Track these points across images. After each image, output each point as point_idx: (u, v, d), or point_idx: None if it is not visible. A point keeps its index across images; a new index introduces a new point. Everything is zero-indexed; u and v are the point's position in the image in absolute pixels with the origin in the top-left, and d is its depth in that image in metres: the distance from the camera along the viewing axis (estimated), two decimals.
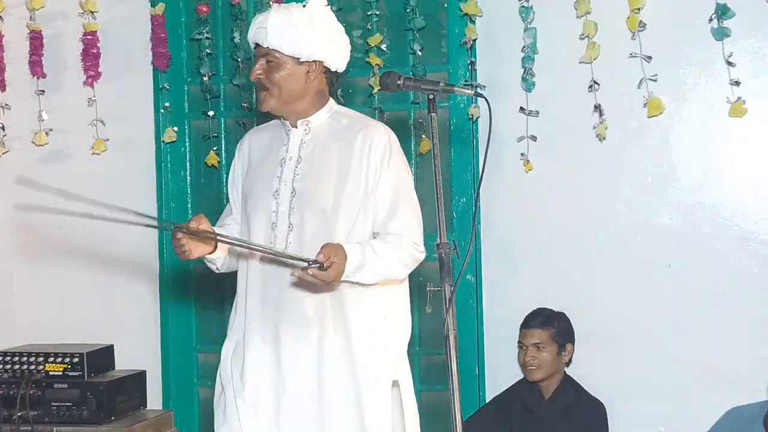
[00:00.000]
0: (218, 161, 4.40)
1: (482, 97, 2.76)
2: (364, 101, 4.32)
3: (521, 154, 4.07)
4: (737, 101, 3.86)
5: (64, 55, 4.57)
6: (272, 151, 3.03)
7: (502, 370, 4.09)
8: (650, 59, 3.92)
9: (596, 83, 3.98)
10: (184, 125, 4.51)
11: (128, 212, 2.72)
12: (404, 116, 4.30)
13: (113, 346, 4.29)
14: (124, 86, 4.52)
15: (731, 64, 3.86)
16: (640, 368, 4.01)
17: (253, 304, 2.96)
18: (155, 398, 4.41)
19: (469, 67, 4.11)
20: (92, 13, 4.47)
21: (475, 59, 4.10)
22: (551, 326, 3.85)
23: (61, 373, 4.03)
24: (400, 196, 2.93)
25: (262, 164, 3.04)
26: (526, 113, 4.06)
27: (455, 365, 2.51)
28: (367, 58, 4.21)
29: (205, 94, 4.41)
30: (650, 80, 3.92)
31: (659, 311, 4.00)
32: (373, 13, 4.19)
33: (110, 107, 4.51)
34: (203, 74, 4.37)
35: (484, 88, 4.04)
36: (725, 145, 3.97)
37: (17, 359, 4.07)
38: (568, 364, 3.93)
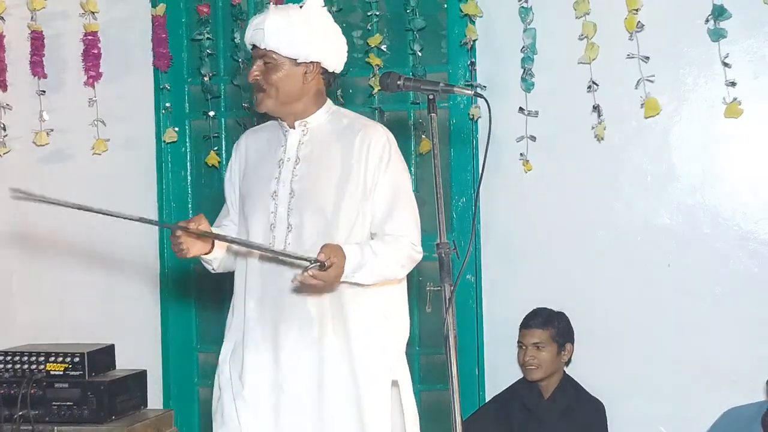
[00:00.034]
0: (219, 161, 4.41)
1: (482, 97, 2.76)
2: (364, 101, 4.32)
3: (521, 154, 4.07)
4: (733, 102, 3.86)
5: (64, 55, 4.57)
6: (270, 151, 3.02)
7: (501, 369, 4.09)
8: (648, 60, 3.92)
9: (595, 84, 3.98)
10: (184, 125, 4.51)
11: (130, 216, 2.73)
12: (404, 116, 4.30)
13: (114, 345, 4.29)
14: (124, 86, 4.52)
15: (727, 65, 3.86)
16: (640, 368, 4.01)
17: (251, 304, 2.96)
18: (156, 398, 4.41)
19: (469, 67, 4.11)
20: (93, 13, 4.47)
21: (475, 60, 4.11)
22: (551, 326, 3.85)
23: (61, 372, 4.03)
24: (398, 196, 2.93)
25: (259, 165, 3.03)
26: (525, 113, 4.06)
27: (455, 365, 2.51)
28: (367, 58, 4.21)
29: (205, 94, 4.42)
30: (647, 81, 3.92)
31: (659, 311, 4.00)
32: (373, 13, 4.19)
33: (111, 107, 4.51)
34: (204, 74, 4.37)
35: (484, 88, 4.04)
36: (725, 145, 3.97)
37: (18, 359, 4.07)
38: (567, 363, 3.93)
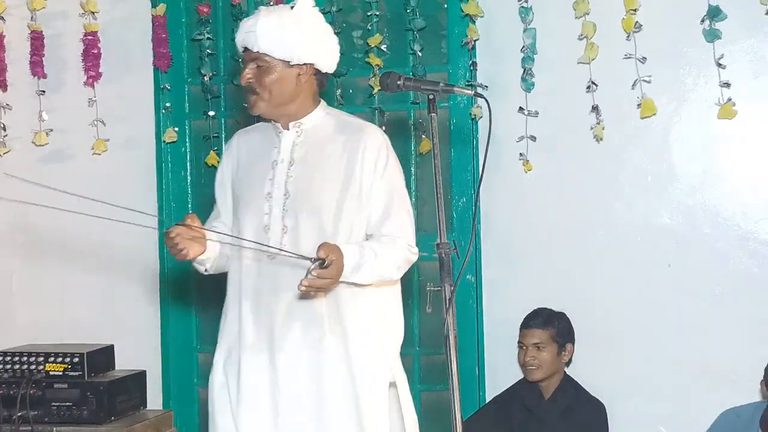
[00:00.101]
0: (218, 161, 4.38)
1: (482, 97, 2.76)
2: (364, 101, 4.31)
3: (521, 154, 4.07)
4: (727, 103, 3.86)
5: (64, 55, 4.56)
6: (263, 152, 3.00)
7: (502, 370, 4.09)
8: (645, 60, 3.92)
9: (594, 84, 3.98)
10: (184, 125, 4.50)
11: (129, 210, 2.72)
12: (404, 116, 4.29)
13: (113, 346, 4.28)
14: (124, 86, 4.52)
15: (721, 65, 3.86)
16: (640, 368, 4.00)
17: (247, 305, 2.94)
18: (155, 398, 4.40)
19: (470, 67, 4.11)
20: (93, 13, 4.47)
21: (476, 60, 4.10)
22: (551, 326, 3.85)
23: (61, 373, 4.03)
24: (394, 198, 2.92)
25: (252, 166, 3.01)
26: (525, 113, 4.06)
27: (455, 365, 2.51)
28: (367, 58, 4.20)
29: (205, 94, 4.41)
30: (644, 81, 3.92)
31: (659, 311, 4.00)
32: (373, 13, 4.19)
33: (111, 107, 4.51)
34: (204, 74, 4.37)
35: (485, 88, 4.04)
36: (725, 144, 3.97)
37: (17, 359, 4.06)
38: (568, 364, 3.93)
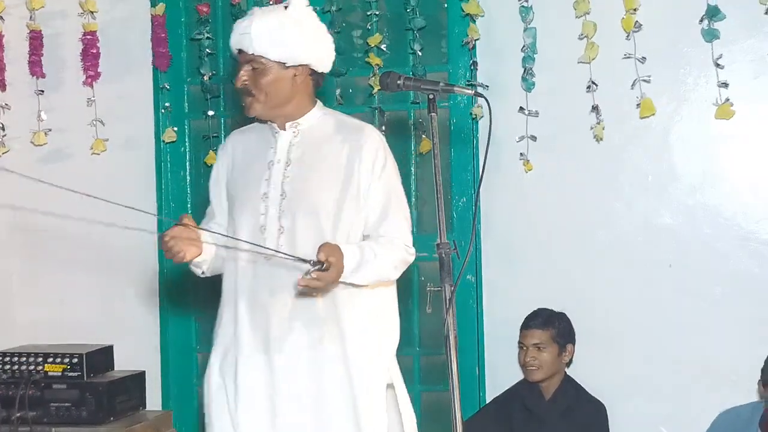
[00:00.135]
0: None
1: (482, 96, 2.76)
2: (364, 101, 4.31)
3: (521, 154, 4.07)
4: (725, 103, 3.86)
5: (63, 54, 4.56)
6: (259, 153, 2.98)
7: (502, 370, 4.09)
8: (645, 60, 3.92)
9: (594, 83, 3.97)
10: (184, 125, 4.50)
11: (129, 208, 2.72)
12: (404, 116, 4.29)
13: (113, 346, 4.27)
14: (124, 86, 4.51)
15: (720, 66, 3.86)
16: (640, 368, 4.00)
17: (243, 307, 2.92)
18: (155, 398, 4.40)
19: (471, 67, 4.10)
20: (92, 13, 4.47)
21: (476, 59, 4.10)
22: (552, 327, 3.85)
23: (60, 373, 4.02)
24: (391, 198, 2.92)
25: (247, 166, 2.99)
26: (525, 113, 4.05)
27: (455, 365, 2.50)
28: (367, 58, 4.20)
29: (205, 94, 4.41)
30: (644, 81, 3.91)
31: (659, 311, 3.99)
32: (372, 13, 4.18)
33: (110, 107, 4.50)
34: (203, 74, 4.36)
35: (486, 88, 4.03)
36: (725, 144, 3.96)
37: (16, 359, 4.05)
38: (568, 364, 3.92)
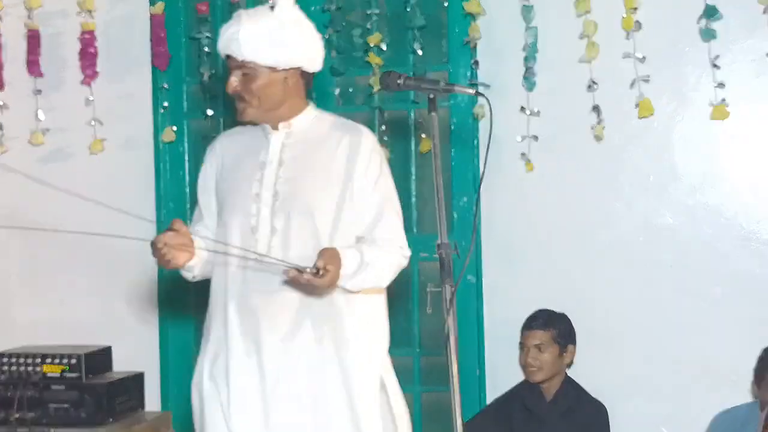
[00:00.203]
0: None
1: (483, 96, 2.75)
2: (364, 101, 4.30)
3: (522, 153, 4.06)
4: (720, 104, 3.85)
5: (63, 54, 4.55)
6: (250, 153, 2.96)
7: (502, 371, 4.08)
8: (644, 59, 3.91)
9: (594, 83, 3.97)
10: (183, 125, 4.49)
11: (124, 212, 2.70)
12: (404, 116, 4.28)
13: (111, 347, 4.27)
14: (123, 85, 4.50)
15: (717, 66, 3.85)
16: (640, 368, 4.00)
17: (234, 311, 2.89)
18: (153, 400, 4.39)
19: (472, 66, 4.09)
20: (90, 12, 4.46)
21: (477, 58, 4.09)
22: (553, 327, 3.84)
23: (58, 374, 4.01)
24: (385, 201, 2.91)
25: (238, 167, 2.96)
26: (527, 113, 4.04)
27: (456, 366, 2.50)
28: (366, 57, 4.19)
29: (204, 93, 4.40)
30: (643, 81, 3.90)
31: (660, 311, 3.99)
32: (372, 12, 4.17)
33: (109, 107, 4.49)
34: (202, 73, 4.36)
35: (488, 87, 4.02)
36: (726, 144, 3.96)
37: (15, 360, 4.04)
38: (569, 365, 3.92)
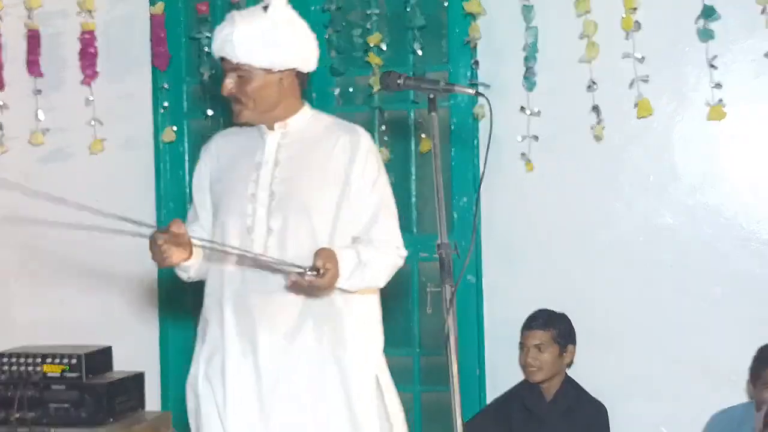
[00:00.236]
0: None
1: (483, 96, 2.75)
2: (364, 101, 4.30)
3: (522, 153, 4.06)
4: (717, 104, 3.85)
5: (63, 54, 4.55)
6: (245, 154, 2.95)
7: (502, 371, 4.08)
8: (643, 59, 3.91)
9: (594, 83, 3.97)
10: (183, 125, 4.49)
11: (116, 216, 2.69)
12: (404, 116, 4.28)
13: (111, 347, 4.27)
14: (123, 86, 4.50)
15: (714, 66, 3.85)
16: (640, 368, 4.00)
17: (230, 311, 2.87)
18: (154, 400, 4.39)
19: (472, 66, 4.09)
20: (90, 12, 4.46)
21: (477, 58, 4.09)
22: (553, 327, 3.84)
23: (59, 374, 4.01)
24: (381, 201, 2.90)
25: (233, 168, 2.96)
26: (527, 113, 4.04)
27: (456, 366, 2.50)
28: (366, 57, 4.19)
29: (204, 93, 4.40)
30: (642, 81, 3.90)
31: (660, 311, 3.99)
32: (372, 12, 4.17)
33: (109, 107, 4.49)
34: (203, 73, 4.36)
35: (488, 87, 4.02)
36: (726, 144, 3.96)
37: (15, 360, 4.04)
38: (569, 365, 3.92)
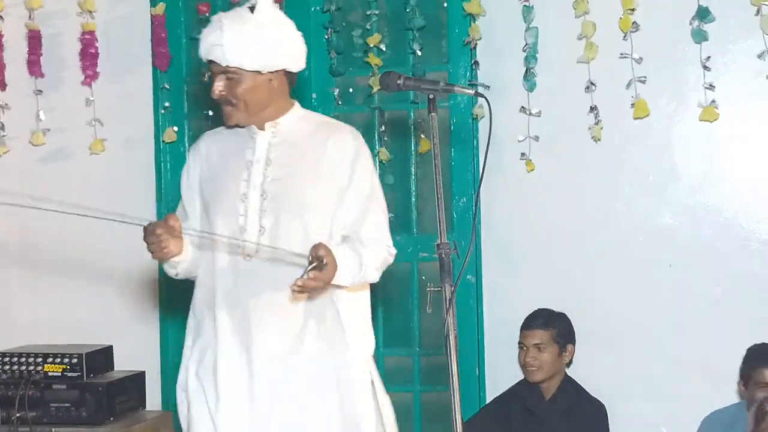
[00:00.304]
0: None
1: (482, 96, 2.75)
2: (363, 101, 4.31)
3: (522, 154, 4.06)
4: (710, 105, 3.86)
5: (63, 54, 4.55)
6: (235, 153, 2.95)
7: (502, 370, 4.08)
8: (641, 60, 3.91)
9: (593, 84, 3.97)
10: (183, 125, 4.49)
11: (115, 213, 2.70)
12: (404, 116, 4.28)
13: (112, 346, 4.28)
14: (123, 86, 4.50)
15: (707, 68, 3.86)
16: (640, 368, 4.00)
17: (223, 308, 2.87)
18: (154, 399, 4.40)
19: (472, 66, 4.09)
20: (90, 12, 4.46)
21: (477, 59, 4.09)
22: (552, 327, 3.84)
23: (59, 373, 4.02)
24: (371, 199, 2.91)
25: (223, 167, 2.96)
26: (527, 113, 4.05)
27: (455, 366, 2.50)
28: (366, 57, 4.19)
29: (205, 94, 4.39)
30: (639, 81, 3.91)
31: (659, 311, 3.99)
32: (372, 12, 4.18)
33: (110, 107, 4.50)
34: (203, 74, 4.36)
35: (488, 88, 4.03)
36: (726, 144, 3.96)
37: (16, 360, 4.05)
38: (569, 365, 3.92)
